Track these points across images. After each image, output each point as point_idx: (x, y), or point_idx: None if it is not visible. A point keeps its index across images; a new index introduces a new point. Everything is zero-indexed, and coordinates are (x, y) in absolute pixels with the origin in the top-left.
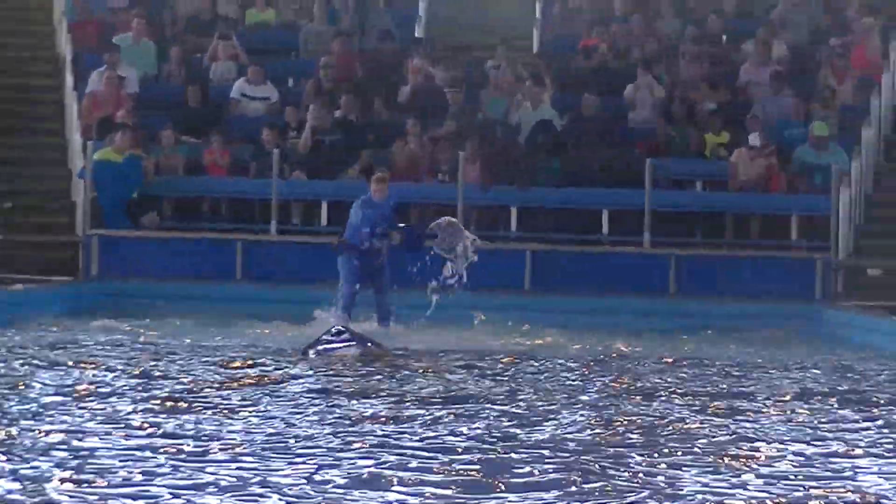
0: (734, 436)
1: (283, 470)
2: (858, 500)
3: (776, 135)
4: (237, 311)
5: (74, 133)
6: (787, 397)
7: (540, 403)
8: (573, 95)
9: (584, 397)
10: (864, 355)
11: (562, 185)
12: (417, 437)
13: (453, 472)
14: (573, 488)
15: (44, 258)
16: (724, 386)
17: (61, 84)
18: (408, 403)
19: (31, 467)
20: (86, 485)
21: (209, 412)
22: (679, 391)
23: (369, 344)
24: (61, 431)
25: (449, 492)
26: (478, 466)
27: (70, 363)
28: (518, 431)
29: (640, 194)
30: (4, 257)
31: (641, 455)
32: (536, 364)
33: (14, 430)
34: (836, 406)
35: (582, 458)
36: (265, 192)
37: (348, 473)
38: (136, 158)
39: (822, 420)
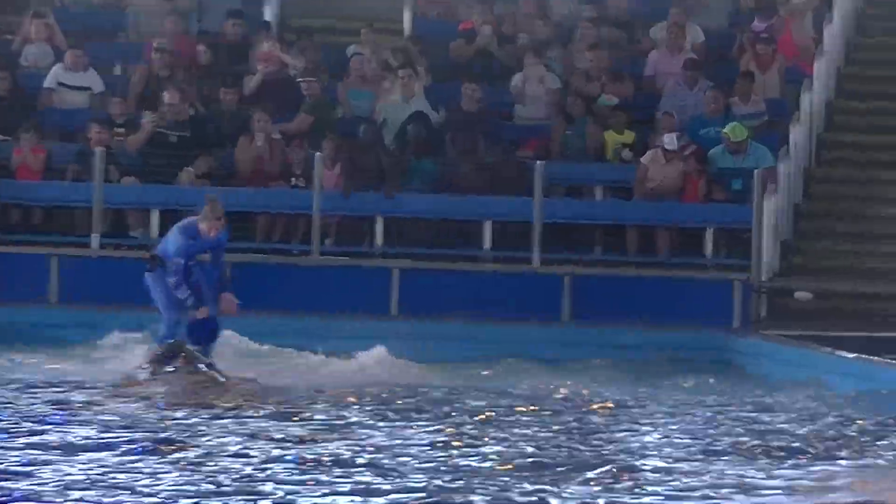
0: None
1: None
2: None
3: (690, 134)
4: (50, 338)
5: None
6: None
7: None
8: (451, 86)
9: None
10: (782, 397)
11: (436, 191)
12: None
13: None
14: None
15: None
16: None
17: None
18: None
19: None
20: None
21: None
22: (493, 441)
23: (205, 368)
24: None
25: None
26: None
27: None
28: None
29: (529, 203)
30: None
31: None
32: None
33: None
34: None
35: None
36: (86, 198)
37: None
38: None
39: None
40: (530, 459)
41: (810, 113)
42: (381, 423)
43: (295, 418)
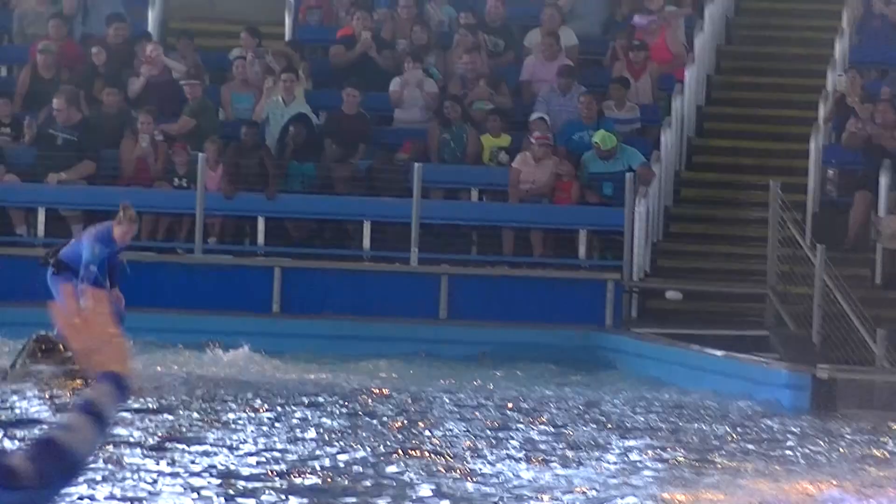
0: None
1: None
2: None
3: (564, 139)
4: None
5: None
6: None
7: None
8: (331, 91)
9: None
10: (649, 394)
11: (317, 192)
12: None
13: None
14: None
15: None
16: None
17: None
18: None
19: None
20: None
21: None
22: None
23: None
24: None
25: None
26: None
27: None
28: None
29: (408, 204)
30: None
31: None
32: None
33: None
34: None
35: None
36: None
37: None
38: None
39: None
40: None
41: (681, 118)
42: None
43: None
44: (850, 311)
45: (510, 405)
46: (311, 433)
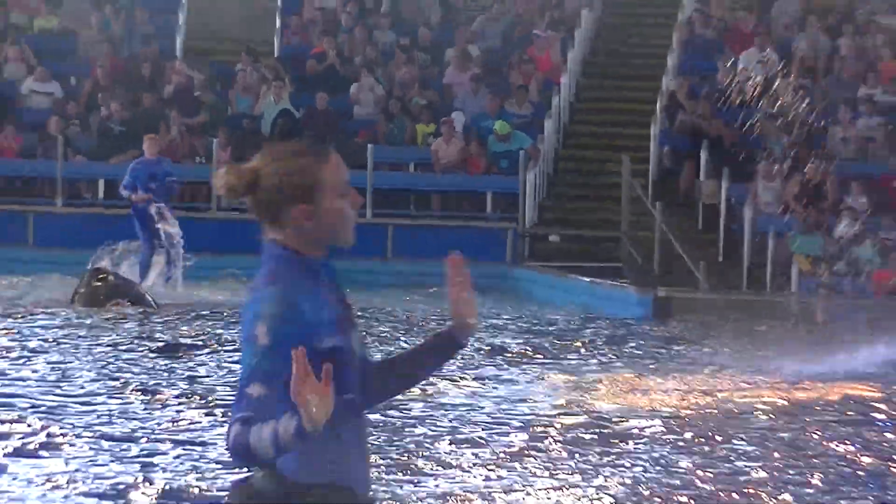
0: None
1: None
2: None
3: (475, 126)
4: (29, 271)
5: None
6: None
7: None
8: (308, 93)
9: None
10: (536, 308)
11: None
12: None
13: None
14: None
15: None
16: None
17: None
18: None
19: None
20: None
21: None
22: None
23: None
24: None
25: None
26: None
27: None
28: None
29: (363, 175)
30: None
31: None
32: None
33: None
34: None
35: None
36: (51, 172)
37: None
38: None
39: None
40: None
41: (559, 111)
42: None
43: None
44: (680, 248)
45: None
46: None
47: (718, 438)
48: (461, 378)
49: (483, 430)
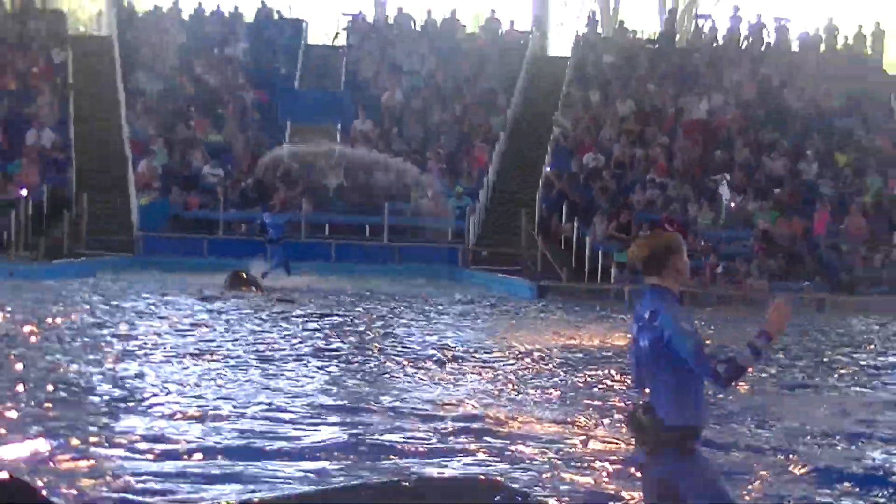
0: None
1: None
2: None
3: (444, 194)
4: (204, 269)
5: None
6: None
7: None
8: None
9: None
10: (470, 293)
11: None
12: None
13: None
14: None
15: None
16: None
17: None
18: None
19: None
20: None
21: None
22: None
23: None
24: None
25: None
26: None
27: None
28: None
29: (381, 217)
30: None
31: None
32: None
33: None
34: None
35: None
36: (217, 216)
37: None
38: None
39: None
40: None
41: (487, 186)
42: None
43: None
44: (551, 259)
45: (422, 295)
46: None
47: (567, 355)
48: (442, 315)
49: (460, 349)
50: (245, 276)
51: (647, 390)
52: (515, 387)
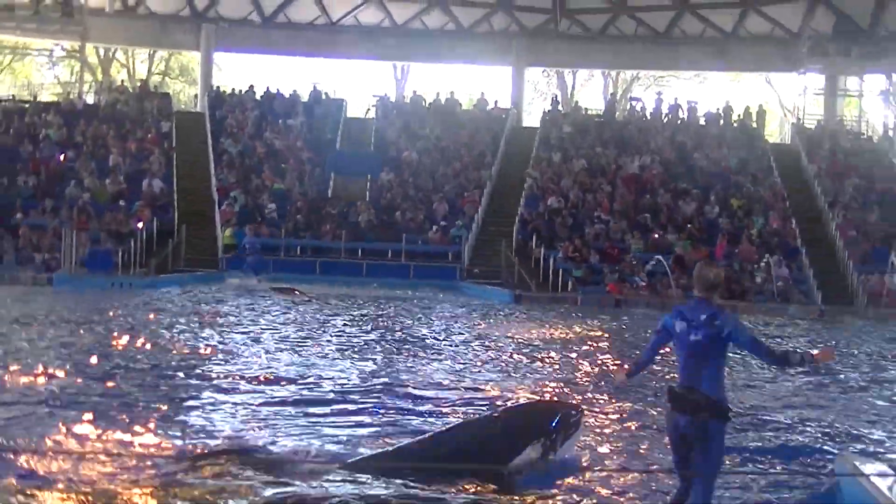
0: None
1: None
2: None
3: (445, 226)
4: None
5: None
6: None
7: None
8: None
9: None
10: (466, 299)
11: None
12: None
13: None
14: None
15: None
16: None
17: None
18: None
19: None
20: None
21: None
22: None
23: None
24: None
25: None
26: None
27: None
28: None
29: (401, 245)
30: None
31: None
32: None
33: None
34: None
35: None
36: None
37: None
38: None
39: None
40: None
41: (478, 222)
42: None
43: None
44: (525, 275)
45: (417, 303)
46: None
47: (537, 344)
48: (440, 313)
49: (440, 338)
50: (286, 286)
51: (684, 373)
52: (505, 363)
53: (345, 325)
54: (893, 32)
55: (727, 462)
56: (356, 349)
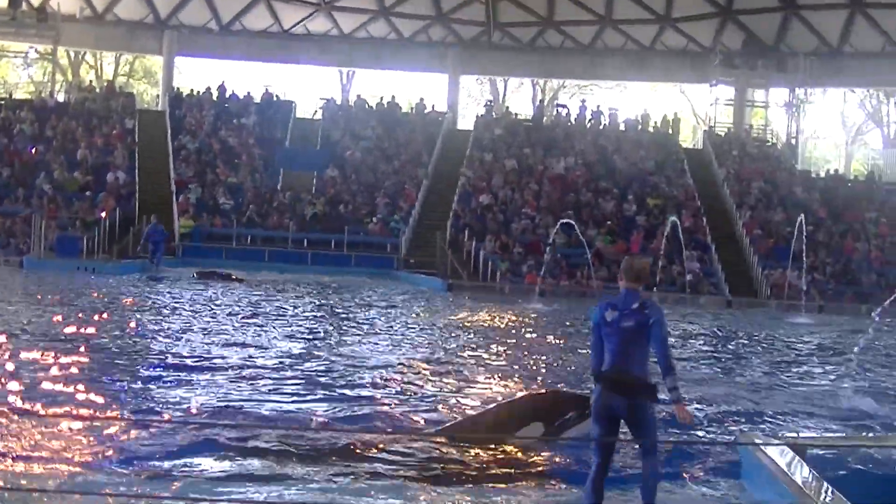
0: None
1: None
2: None
3: (385, 219)
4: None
5: None
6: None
7: None
8: None
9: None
10: (403, 287)
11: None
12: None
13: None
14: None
15: None
16: None
17: None
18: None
19: None
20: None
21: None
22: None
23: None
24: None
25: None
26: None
27: None
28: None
29: (343, 236)
30: None
31: None
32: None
33: None
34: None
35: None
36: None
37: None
38: None
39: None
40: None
41: (416, 216)
42: None
43: None
44: (457, 265)
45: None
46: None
47: (465, 327)
48: (380, 303)
49: (400, 322)
50: (214, 271)
51: (616, 357)
52: (439, 344)
53: (282, 308)
54: (795, 50)
55: None
56: (298, 330)
